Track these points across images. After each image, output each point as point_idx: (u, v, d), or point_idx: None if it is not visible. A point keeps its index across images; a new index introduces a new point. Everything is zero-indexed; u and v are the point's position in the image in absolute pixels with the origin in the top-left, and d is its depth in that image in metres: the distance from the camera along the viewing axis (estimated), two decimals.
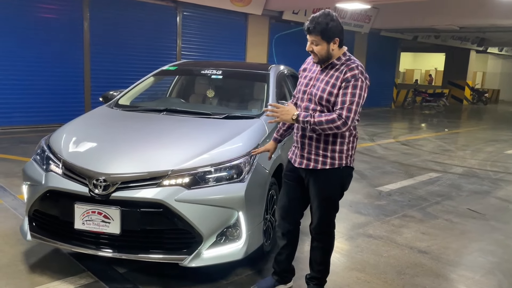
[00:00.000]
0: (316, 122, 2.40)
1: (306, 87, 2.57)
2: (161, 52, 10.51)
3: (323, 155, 2.51)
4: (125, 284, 2.86)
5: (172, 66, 4.63)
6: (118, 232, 2.63)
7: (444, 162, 7.47)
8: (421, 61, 32.34)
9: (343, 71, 2.45)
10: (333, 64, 2.50)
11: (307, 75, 2.62)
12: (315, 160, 2.53)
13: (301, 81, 2.65)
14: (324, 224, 2.66)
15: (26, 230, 2.94)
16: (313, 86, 2.53)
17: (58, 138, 3.15)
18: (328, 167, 2.52)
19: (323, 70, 2.53)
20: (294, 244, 2.82)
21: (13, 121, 8.54)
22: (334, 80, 2.46)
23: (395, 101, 18.99)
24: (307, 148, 2.55)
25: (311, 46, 2.48)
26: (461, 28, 14.91)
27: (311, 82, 2.56)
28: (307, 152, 2.54)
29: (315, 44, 2.46)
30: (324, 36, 2.42)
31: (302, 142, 2.57)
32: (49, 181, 2.80)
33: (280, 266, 2.82)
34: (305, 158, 2.55)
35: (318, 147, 2.52)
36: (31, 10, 8.50)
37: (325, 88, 2.47)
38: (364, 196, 5.20)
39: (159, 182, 2.68)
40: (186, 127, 3.38)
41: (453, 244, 3.88)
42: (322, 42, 2.44)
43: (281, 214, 2.74)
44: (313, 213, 2.67)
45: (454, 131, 12.20)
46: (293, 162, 2.64)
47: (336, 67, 2.49)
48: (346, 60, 2.50)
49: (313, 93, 2.51)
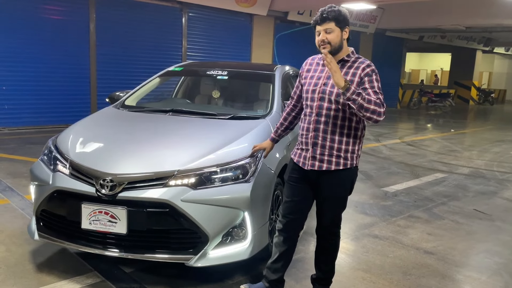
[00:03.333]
0: (367, 99, 2.27)
1: (316, 86, 2.50)
2: (166, 53, 10.56)
3: (337, 155, 2.47)
4: (132, 283, 2.88)
5: (178, 67, 4.64)
6: (124, 232, 2.65)
7: (450, 163, 7.44)
8: (427, 61, 32.21)
9: (359, 67, 2.43)
10: (343, 61, 2.47)
11: (313, 75, 2.55)
12: (328, 161, 2.47)
13: (307, 81, 2.57)
14: (334, 225, 2.64)
15: (33, 229, 2.96)
16: (324, 85, 2.47)
17: (65, 139, 3.18)
18: (342, 167, 2.48)
19: None
20: (292, 250, 2.72)
21: (20, 122, 8.61)
22: (351, 76, 2.42)
23: (400, 101, 18.93)
24: (319, 149, 2.47)
25: (324, 35, 2.41)
26: (467, 28, 14.85)
27: (320, 81, 2.49)
28: (320, 154, 2.47)
29: (328, 32, 2.41)
30: (337, 22, 2.41)
31: (314, 143, 2.48)
32: (57, 181, 2.82)
33: (276, 274, 2.69)
34: (317, 159, 2.48)
35: (332, 148, 2.46)
36: (38, 11, 8.57)
37: None
38: (370, 196, 5.19)
39: (165, 182, 2.69)
40: (192, 128, 3.39)
41: (459, 245, 3.87)
42: (335, 29, 2.41)
43: (287, 218, 2.63)
44: (322, 214, 2.61)
45: (460, 131, 12.15)
46: (302, 165, 2.54)
47: (348, 64, 2.46)
48: (357, 58, 2.49)
49: (327, 92, 2.44)
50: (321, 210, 2.62)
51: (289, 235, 2.66)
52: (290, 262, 2.76)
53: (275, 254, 2.70)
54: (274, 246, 2.72)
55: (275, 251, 2.70)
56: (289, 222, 2.64)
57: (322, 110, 2.46)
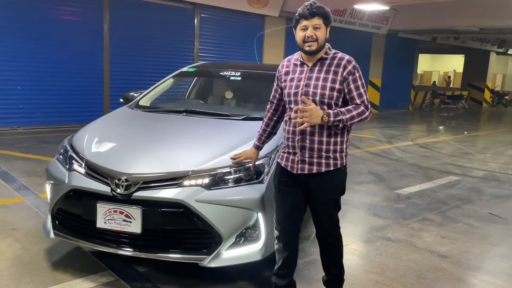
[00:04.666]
0: (349, 118, 2.34)
1: (298, 88, 2.44)
2: (178, 54, 10.61)
3: (326, 156, 2.44)
4: (145, 283, 2.89)
5: (192, 67, 4.66)
6: (139, 231, 2.66)
7: (464, 165, 7.35)
8: (439, 62, 31.89)
9: (340, 64, 2.41)
10: (322, 59, 2.45)
11: (293, 77, 2.48)
12: (318, 164, 2.43)
13: (287, 84, 2.49)
14: (333, 227, 2.59)
15: (49, 228, 2.99)
16: (306, 86, 2.42)
17: (80, 138, 3.20)
18: (332, 168, 2.45)
19: (312, 68, 2.45)
20: (296, 254, 2.67)
21: (34, 121, 8.72)
22: (333, 75, 2.40)
23: (412, 103, 18.78)
24: (308, 152, 2.43)
25: (313, 31, 2.37)
26: (481, 29, 14.67)
27: (301, 83, 2.43)
28: (309, 156, 2.43)
29: (317, 28, 2.38)
30: (325, 19, 2.39)
31: (302, 147, 2.44)
32: (72, 181, 2.85)
33: (284, 279, 2.64)
34: (306, 163, 2.44)
35: (321, 149, 2.43)
36: (53, 12, 8.67)
37: (325, 85, 2.39)
38: (383, 198, 5.15)
39: (179, 182, 2.70)
40: (206, 128, 3.40)
41: (474, 248, 3.82)
42: (323, 26, 2.39)
43: (282, 223, 2.58)
44: (319, 219, 2.56)
45: (473, 134, 12.01)
46: (291, 169, 2.49)
47: (327, 61, 2.44)
48: (334, 53, 2.46)
49: (310, 93, 2.40)
50: (316, 214, 2.56)
51: (287, 241, 2.61)
52: (295, 265, 2.72)
53: (279, 260, 2.66)
54: (276, 253, 2.68)
55: (278, 257, 2.66)
56: (284, 228, 2.60)
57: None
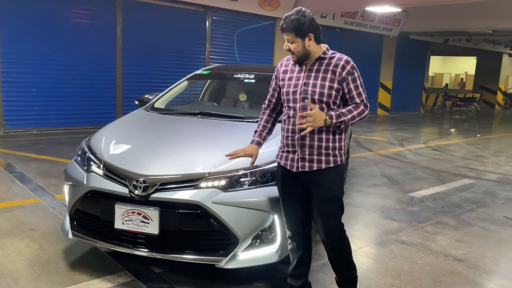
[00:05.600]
0: (350, 118, 2.41)
1: (296, 87, 2.48)
2: (190, 56, 10.67)
3: (326, 153, 2.46)
4: (161, 283, 2.92)
5: (205, 70, 4.70)
6: (156, 232, 2.69)
7: (477, 168, 7.29)
8: (451, 64, 31.67)
9: (338, 64, 2.44)
10: (320, 59, 2.48)
11: (291, 76, 2.53)
12: (318, 161, 2.46)
13: (286, 83, 2.54)
14: (337, 229, 2.54)
15: (67, 228, 3.04)
16: (305, 85, 2.46)
17: (98, 140, 3.25)
18: (332, 165, 2.47)
19: (311, 68, 2.48)
20: (309, 253, 2.69)
21: (49, 123, 8.82)
22: (331, 74, 2.44)
23: (424, 105, 18.65)
24: (308, 150, 2.46)
25: (287, 44, 2.45)
26: (494, 31, 14.54)
27: (300, 82, 2.48)
28: (309, 154, 2.46)
29: (291, 42, 2.44)
30: (297, 33, 2.41)
31: (302, 145, 2.46)
32: (91, 182, 2.88)
33: (299, 280, 2.68)
34: (306, 160, 2.46)
35: (321, 147, 2.45)
36: (67, 15, 8.78)
37: (323, 84, 2.43)
38: (396, 201, 5.13)
39: (196, 184, 2.73)
40: (221, 130, 3.43)
41: (489, 252, 3.79)
42: (296, 39, 2.42)
43: (292, 223, 2.61)
44: (322, 220, 2.50)
45: (486, 136, 11.89)
46: (291, 167, 2.51)
47: (325, 61, 2.47)
48: (332, 54, 2.50)
49: (309, 91, 2.44)
50: (319, 215, 2.51)
51: (299, 240, 2.65)
52: (310, 265, 2.75)
53: (293, 260, 2.69)
54: (290, 253, 2.71)
55: (293, 257, 2.69)
56: (295, 227, 2.63)
57: (306, 110, 2.42)
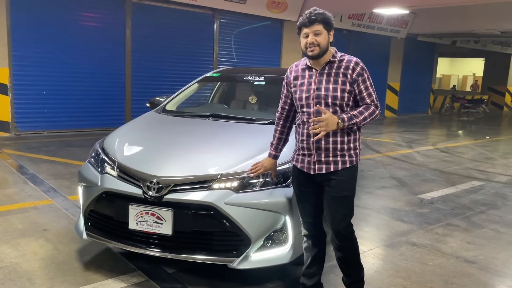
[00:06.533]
0: (362, 119, 2.46)
1: (309, 92, 2.51)
2: (198, 59, 10.73)
3: (341, 155, 2.50)
4: (174, 283, 2.95)
5: (216, 72, 4.73)
6: (170, 233, 2.72)
7: (487, 170, 7.26)
8: (458, 66, 31.51)
9: (348, 66, 2.48)
10: (330, 62, 2.51)
11: (303, 82, 2.55)
12: (334, 162, 2.50)
13: (298, 89, 2.56)
14: (346, 226, 2.57)
15: (82, 229, 3.08)
16: (317, 89, 2.49)
17: (112, 142, 3.29)
18: (348, 165, 2.52)
19: (321, 72, 2.51)
20: (323, 253, 2.74)
21: (59, 125, 8.91)
22: (342, 77, 2.47)
23: (431, 107, 18.58)
24: (324, 152, 2.50)
25: (313, 37, 2.44)
26: (502, 32, 14.47)
27: (312, 87, 2.51)
28: (325, 156, 2.50)
29: (317, 34, 2.45)
30: (325, 24, 2.46)
31: (318, 148, 2.50)
32: (105, 183, 2.92)
33: (313, 279, 2.72)
34: (323, 162, 2.51)
35: (336, 149, 2.49)
36: (77, 19, 8.87)
37: (336, 87, 2.47)
38: (405, 203, 5.13)
39: (209, 185, 2.76)
40: (233, 132, 3.46)
41: (501, 254, 3.78)
42: (323, 31, 2.46)
43: (308, 222, 2.67)
44: (333, 218, 2.54)
45: (495, 138, 11.82)
46: (308, 170, 2.56)
47: (335, 64, 2.50)
48: (341, 57, 2.53)
49: (322, 96, 2.47)
50: (331, 213, 2.55)
51: (316, 238, 2.70)
52: (323, 264, 2.77)
53: (307, 259, 2.73)
54: (304, 251, 2.75)
55: (307, 256, 2.74)
56: (311, 226, 2.69)
57: (321, 114, 2.44)
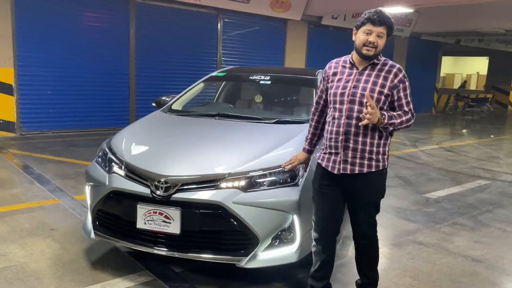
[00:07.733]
0: (399, 123, 2.43)
1: (344, 89, 2.48)
2: (202, 58, 10.73)
3: (369, 158, 2.46)
4: (182, 283, 2.95)
5: (221, 72, 4.73)
6: (178, 232, 2.72)
7: (493, 169, 7.23)
8: (462, 65, 31.38)
9: (390, 71, 2.47)
10: (373, 64, 2.50)
11: (341, 78, 2.53)
12: (360, 164, 2.46)
13: (334, 84, 2.54)
14: (372, 229, 2.61)
15: (89, 228, 3.09)
16: (354, 88, 2.46)
17: (119, 141, 3.29)
18: (374, 169, 2.48)
19: (362, 71, 2.49)
20: (333, 256, 2.72)
21: (64, 125, 8.91)
22: (383, 80, 2.45)
23: (436, 106, 18.52)
24: (351, 152, 2.46)
25: (375, 38, 2.43)
26: (506, 31, 14.40)
27: (349, 84, 2.48)
28: (352, 157, 2.46)
29: (380, 37, 2.44)
30: (390, 30, 2.46)
31: (345, 147, 2.46)
32: (113, 182, 2.93)
33: (321, 282, 2.69)
34: (349, 163, 2.47)
35: (364, 150, 2.46)
36: (81, 18, 8.88)
37: (373, 88, 2.44)
38: (411, 202, 5.11)
39: (217, 184, 2.76)
40: (240, 132, 3.46)
41: (508, 253, 3.77)
42: (385, 36, 2.45)
43: (322, 225, 2.62)
44: (358, 220, 2.58)
45: (500, 137, 11.77)
46: (332, 169, 2.52)
47: (378, 67, 2.49)
48: (385, 61, 2.52)
49: (358, 94, 2.44)
50: (355, 216, 2.59)
51: (326, 243, 2.65)
52: (332, 267, 2.75)
53: (316, 262, 2.70)
54: (313, 255, 2.72)
55: (316, 259, 2.70)
56: (324, 230, 2.63)
57: (353, 113, 2.45)
